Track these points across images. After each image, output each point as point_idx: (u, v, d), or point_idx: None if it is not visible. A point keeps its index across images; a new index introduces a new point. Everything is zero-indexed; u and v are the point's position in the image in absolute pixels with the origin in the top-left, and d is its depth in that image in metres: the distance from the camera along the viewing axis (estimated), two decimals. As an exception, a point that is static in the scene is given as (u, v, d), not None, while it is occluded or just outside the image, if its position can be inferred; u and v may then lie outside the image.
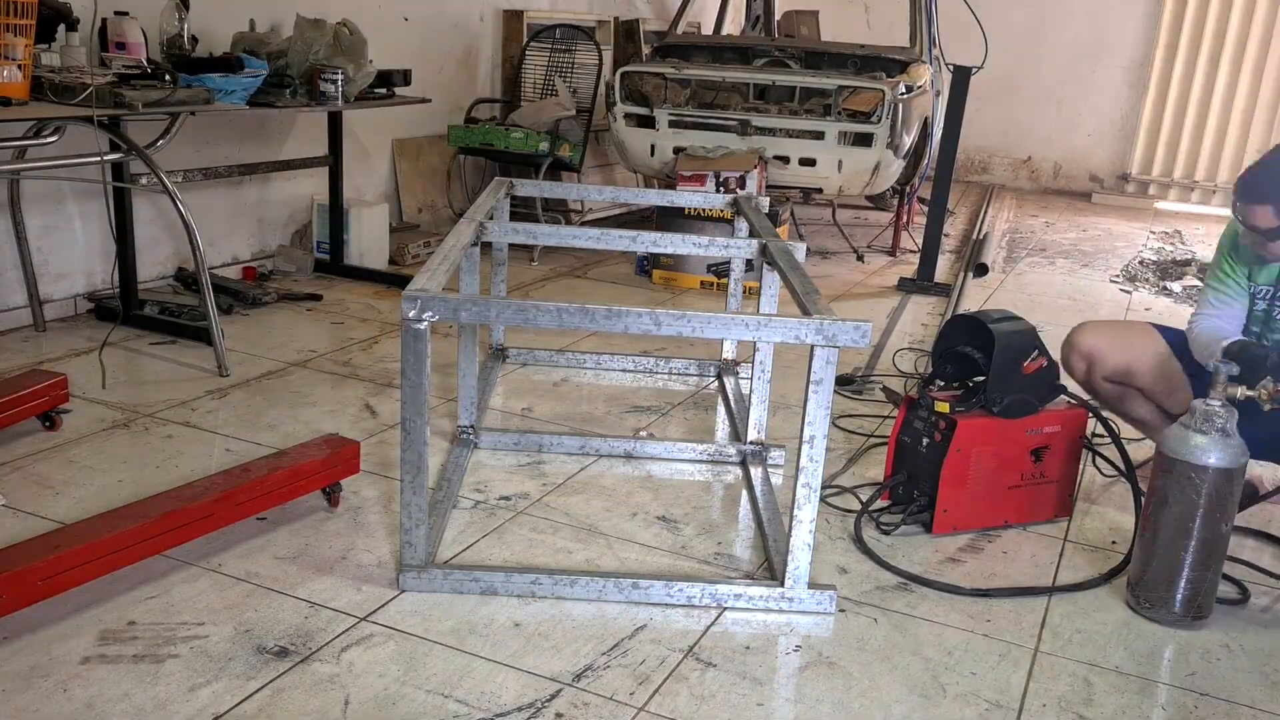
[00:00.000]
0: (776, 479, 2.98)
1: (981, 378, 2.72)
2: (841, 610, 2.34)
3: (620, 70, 5.44)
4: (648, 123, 5.33)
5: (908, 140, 5.41)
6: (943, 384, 2.78)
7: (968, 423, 2.67)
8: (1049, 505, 2.84)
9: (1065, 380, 2.82)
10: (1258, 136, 8.47)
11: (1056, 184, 9.28)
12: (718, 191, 4.84)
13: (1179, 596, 2.35)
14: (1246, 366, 2.39)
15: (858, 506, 2.82)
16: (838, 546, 2.63)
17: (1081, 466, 2.98)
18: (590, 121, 5.84)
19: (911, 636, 2.27)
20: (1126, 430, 3.54)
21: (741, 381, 3.70)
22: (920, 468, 2.76)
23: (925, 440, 2.74)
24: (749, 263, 3.35)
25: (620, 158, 5.71)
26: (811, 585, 2.32)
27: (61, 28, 3.51)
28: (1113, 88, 8.88)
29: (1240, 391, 2.34)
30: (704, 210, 4.72)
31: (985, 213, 7.47)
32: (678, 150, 5.25)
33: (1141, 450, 3.38)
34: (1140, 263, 6.41)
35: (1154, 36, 8.64)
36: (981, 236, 6.50)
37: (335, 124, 4.72)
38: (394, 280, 4.76)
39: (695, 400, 3.61)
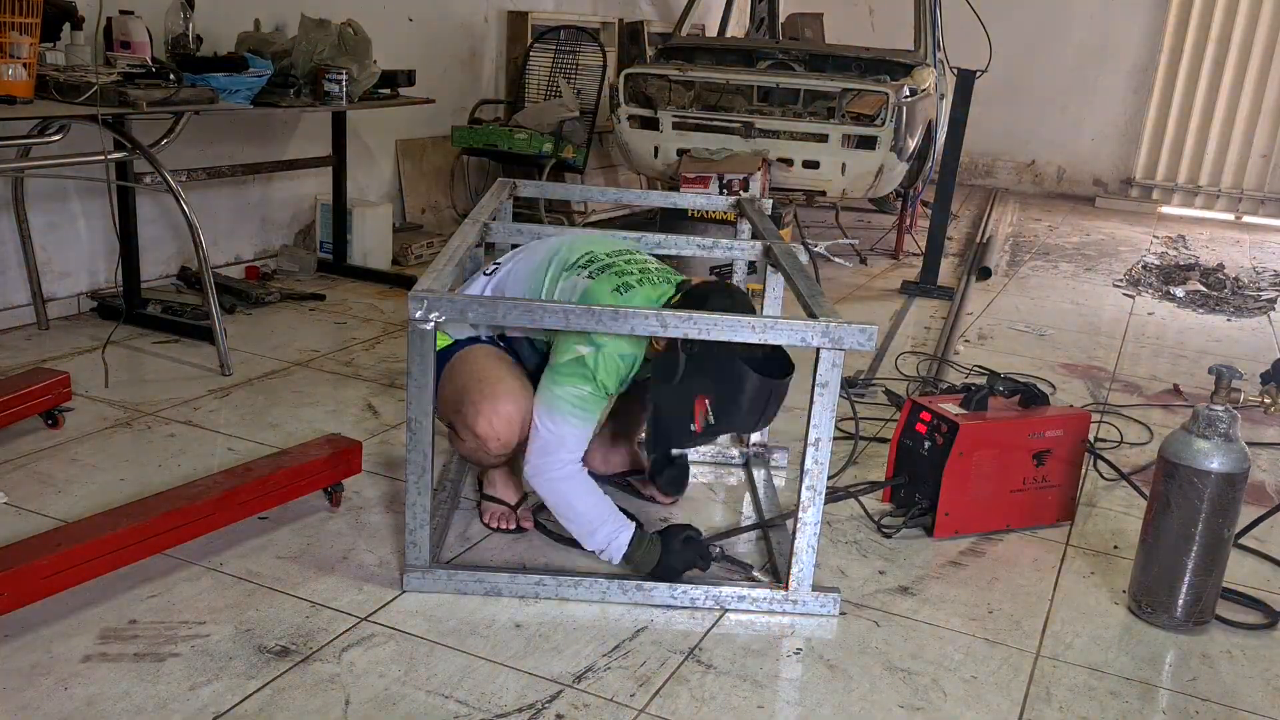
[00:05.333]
0: (779, 481, 2.98)
1: None
2: (842, 613, 2.34)
3: (624, 72, 5.44)
4: (651, 124, 5.33)
5: (911, 143, 5.40)
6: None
7: (970, 426, 2.67)
8: (1051, 509, 2.83)
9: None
10: (1262, 141, 8.47)
11: (1060, 188, 9.28)
12: (721, 193, 4.84)
13: (1180, 601, 2.35)
14: None
15: (853, 508, 2.81)
16: (838, 549, 2.63)
17: (1084, 470, 2.98)
18: (594, 123, 5.85)
19: (913, 640, 2.27)
20: (1130, 434, 3.54)
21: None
22: (922, 471, 2.75)
23: (927, 443, 2.73)
24: (751, 264, 3.35)
25: (624, 159, 5.72)
26: (815, 588, 2.32)
27: (67, 26, 3.51)
28: (1117, 92, 8.88)
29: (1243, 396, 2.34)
30: (707, 212, 4.72)
31: (989, 216, 7.47)
32: (681, 152, 5.25)
33: (1144, 455, 3.38)
34: (1144, 267, 6.41)
35: (1158, 41, 8.64)
36: (985, 240, 6.50)
37: (339, 124, 4.72)
38: (397, 280, 4.76)
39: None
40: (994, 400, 2.81)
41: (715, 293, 2.33)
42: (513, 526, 2.60)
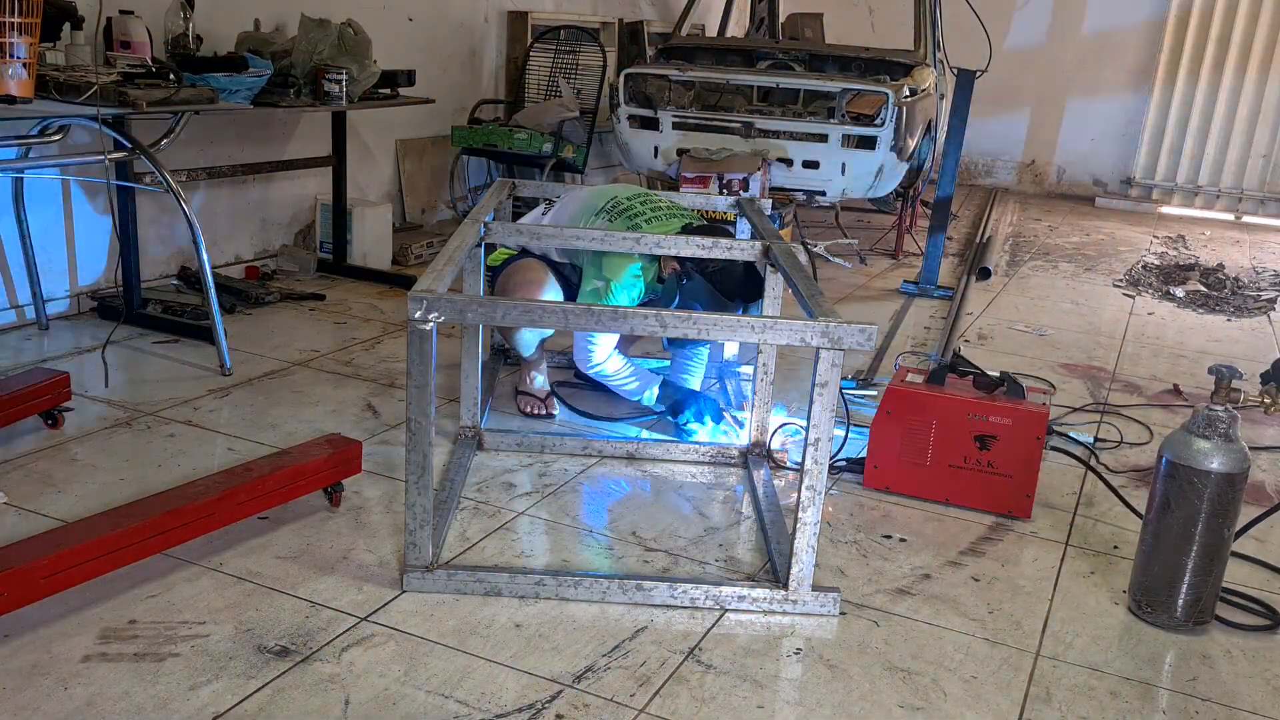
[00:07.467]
0: (779, 481, 2.98)
1: None
2: (842, 613, 2.34)
3: (624, 72, 5.44)
4: (651, 124, 5.32)
5: (911, 143, 5.40)
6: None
7: (896, 389, 2.90)
8: (1001, 499, 2.87)
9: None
10: (1262, 141, 8.47)
11: (1060, 188, 9.28)
12: (721, 193, 4.84)
13: (1181, 601, 2.35)
14: None
15: (852, 508, 2.82)
16: (838, 549, 2.63)
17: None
18: (594, 123, 5.85)
19: (913, 640, 2.27)
20: (1130, 434, 3.54)
21: (743, 384, 3.70)
22: None
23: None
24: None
25: (624, 159, 5.71)
26: (815, 588, 2.32)
27: (67, 26, 3.51)
28: (1117, 92, 8.88)
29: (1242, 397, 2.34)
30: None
31: (988, 216, 7.47)
32: (681, 152, 5.25)
33: (1144, 455, 3.38)
34: (1144, 267, 6.41)
35: (1159, 40, 8.64)
36: (984, 240, 6.50)
37: (339, 124, 4.72)
38: (397, 280, 4.76)
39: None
40: (953, 379, 2.98)
41: (709, 233, 3.06)
42: (543, 413, 3.33)
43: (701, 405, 3.27)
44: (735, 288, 3.06)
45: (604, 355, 3.29)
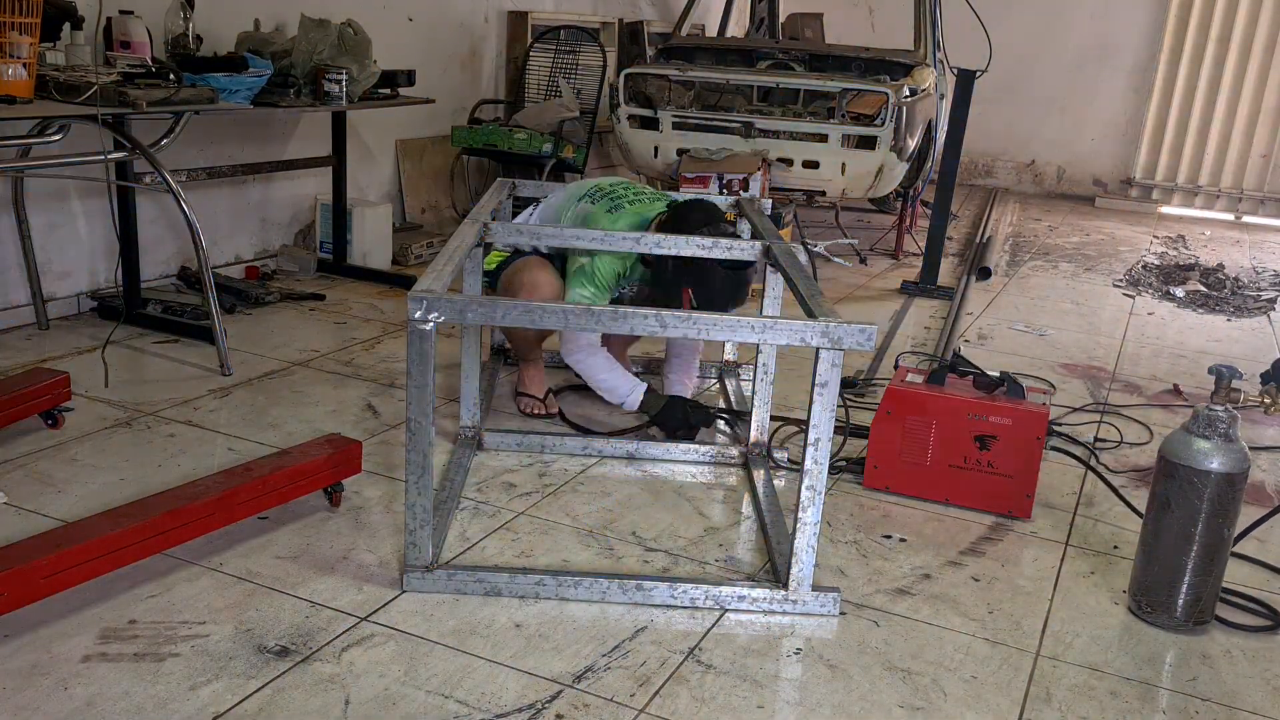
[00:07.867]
0: (779, 481, 2.98)
1: None
2: (842, 613, 2.34)
3: (624, 72, 5.44)
4: (651, 124, 5.33)
5: (911, 143, 5.40)
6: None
7: (897, 389, 2.88)
8: (1002, 499, 2.87)
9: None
10: (1262, 141, 8.47)
11: (1060, 188, 9.28)
12: (721, 193, 4.83)
13: (1181, 601, 2.35)
14: None
15: (851, 508, 2.82)
16: (838, 549, 2.63)
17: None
18: (594, 123, 5.85)
19: (912, 640, 2.27)
20: (1130, 434, 3.54)
21: (743, 383, 3.70)
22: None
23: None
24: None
25: (624, 159, 5.72)
26: (815, 588, 2.32)
27: (66, 26, 3.51)
28: (1117, 92, 8.88)
29: (1242, 397, 2.34)
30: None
31: (988, 216, 7.47)
32: (681, 152, 5.25)
33: (1144, 455, 3.38)
34: (1143, 267, 6.41)
35: (1158, 40, 8.64)
36: (984, 240, 6.50)
37: (339, 124, 4.72)
38: (397, 280, 4.76)
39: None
40: (953, 379, 2.97)
41: (694, 210, 3.13)
42: (542, 413, 3.31)
43: (687, 410, 3.21)
44: (715, 291, 3.02)
45: (588, 346, 3.23)
